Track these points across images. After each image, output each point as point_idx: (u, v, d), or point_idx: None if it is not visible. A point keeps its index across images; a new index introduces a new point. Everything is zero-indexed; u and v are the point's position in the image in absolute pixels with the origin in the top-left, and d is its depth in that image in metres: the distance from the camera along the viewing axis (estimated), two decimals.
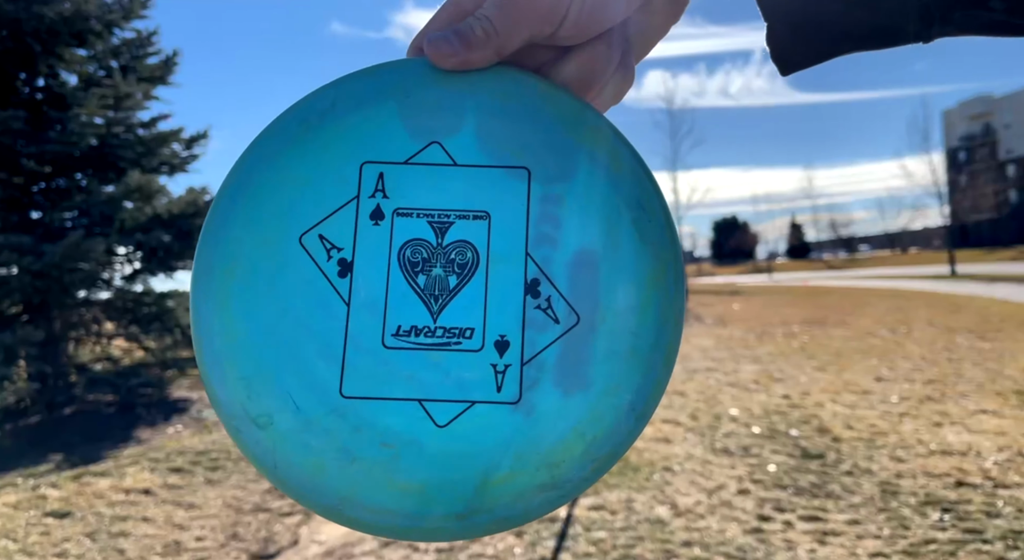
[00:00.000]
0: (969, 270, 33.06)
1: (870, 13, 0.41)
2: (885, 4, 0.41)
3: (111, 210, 5.43)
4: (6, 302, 5.55)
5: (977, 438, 4.70)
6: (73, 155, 5.55)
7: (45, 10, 5.35)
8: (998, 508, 3.43)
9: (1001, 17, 0.39)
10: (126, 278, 6.01)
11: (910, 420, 5.25)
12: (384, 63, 0.46)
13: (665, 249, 0.45)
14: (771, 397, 6.11)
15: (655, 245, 0.44)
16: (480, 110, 0.44)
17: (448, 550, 3.14)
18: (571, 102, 0.46)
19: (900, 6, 0.40)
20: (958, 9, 0.40)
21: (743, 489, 3.84)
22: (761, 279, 45.82)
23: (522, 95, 0.45)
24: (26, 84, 5.98)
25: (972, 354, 8.24)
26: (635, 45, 0.51)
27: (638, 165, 0.46)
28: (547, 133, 0.45)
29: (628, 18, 0.47)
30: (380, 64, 0.46)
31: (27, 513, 3.67)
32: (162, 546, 3.29)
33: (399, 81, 0.45)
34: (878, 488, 3.79)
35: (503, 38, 0.43)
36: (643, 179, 0.46)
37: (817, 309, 14.03)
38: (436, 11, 0.47)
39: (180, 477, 4.21)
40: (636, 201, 0.45)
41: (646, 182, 0.46)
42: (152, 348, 6.06)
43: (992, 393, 6.12)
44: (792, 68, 0.46)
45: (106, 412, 5.64)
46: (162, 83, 6.27)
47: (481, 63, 0.44)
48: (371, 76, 0.46)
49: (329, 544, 3.31)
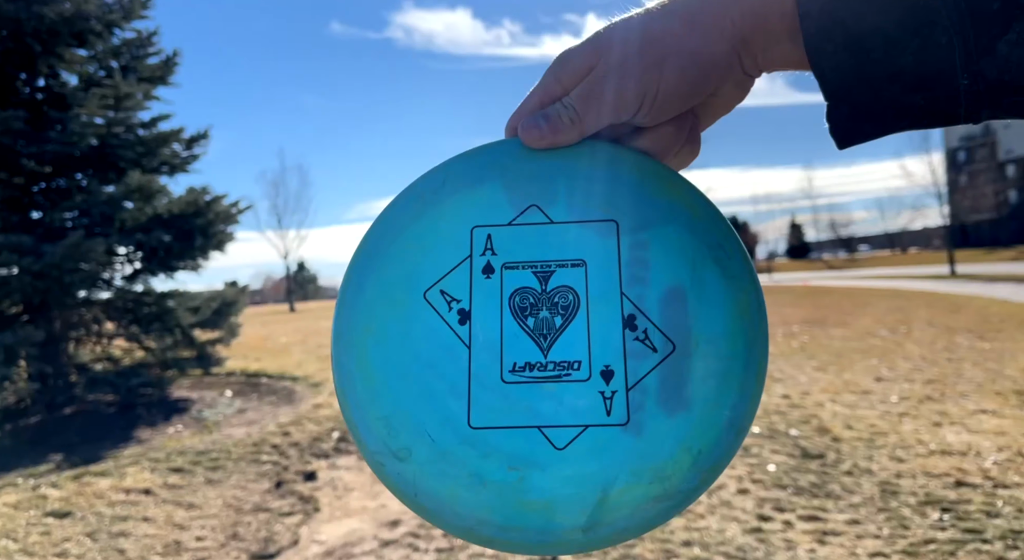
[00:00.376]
0: (969, 270, 33.07)
1: (926, 99, 0.45)
2: (940, 91, 0.44)
3: (111, 210, 5.43)
4: (7, 302, 5.55)
5: (977, 438, 4.70)
6: (73, 155, 5.55)
7: (45, 10, 5.35)
8: (998, 508, 3.43)
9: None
10: (126, 278, 6.01)
11: (910, 420, 5.26)
12: (484, 145, 0.54)
13: (746, 281, 0.50)
14: (771, 397, 6.11)
15: (737, 279, 0.50)
16: (569, 176, 0.51)
17: (448, 550, 3.14)
18: (648, 163, 0.53)
19: (953, 93, 0.44)
20: (1007, 96, 0.43)
21: (743, 489, 3.85)
22: (761, 279, 45.77)
23: (605, 161, 0.52)
24: (26, 84, 5.98)
25: (972, 354, 8.25)
26: (703, 120, 0.56)
27: (713, 211, 0.52)
28: (630, 190, 0.51)
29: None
30: (481, 146, 0.54)
31: (27, 513, 3.67)
32: (162, 546, 3.29)
33: (498, 159, 0.53)
34: (878, 488, 3.80)
35: (586, 124, 0.50)
36: (719, 223, 0.52)
37: (817, 309, 14.04)
38: (529, 92, 0.53)
39: (180, 477, 4.21)
40: (715, 242, 0.51)
41: (722, 225, 0.52)
42: (152, 348, 6.05)
43: (992, 393, 6.12)
44: (851, 143, 0.49)
45: (106, 412, 5.63)
46: (162, 83, 6.26)
47: (567, 143, 0.51)
48: (474, 157, 0.54)
49: (329, 544, 3.31)
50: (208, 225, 5.85)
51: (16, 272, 4.94)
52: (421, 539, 3.28)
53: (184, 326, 6.08)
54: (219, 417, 5.66)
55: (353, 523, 3.59)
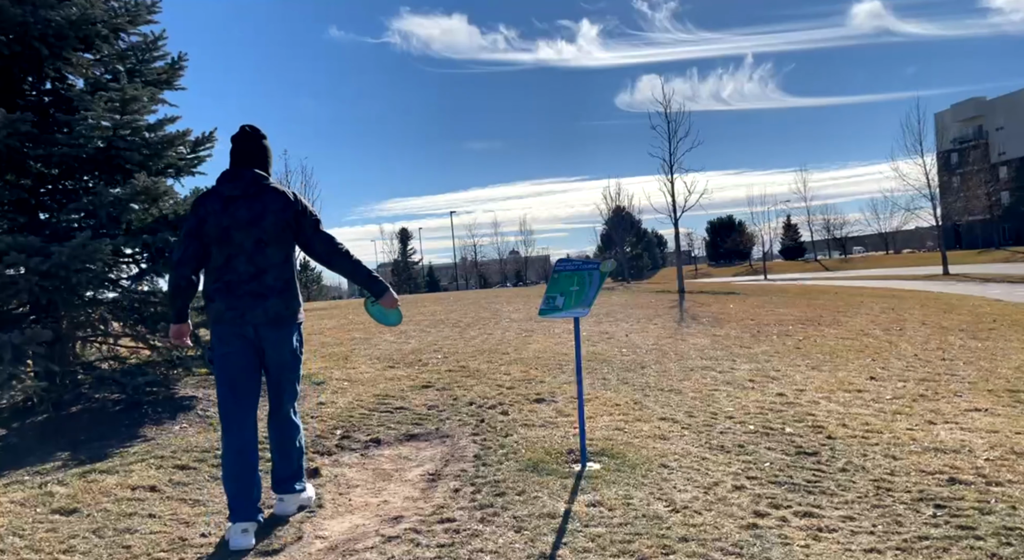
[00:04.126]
0: (962, 270, 33.17)
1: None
2: None
3: (118, 211, 5.45)
4: (14, 302, 5.58)
5: (970, 436, 4.77)
6: (80, 158, 5.57)
7: (52, 14, 5.38)
8: (991, 505, 3.49)
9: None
10: (133, 278, 6.03)
11: (904, 418, 5.32)
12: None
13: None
14: (766, 395, 6.17)
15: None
16: None
17: (449, 545, 3.19)
18: None
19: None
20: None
21: (739, 485, 3.90)
22: (757, 279, 45.88)
23: None
24: (33, 87, 6.01)
25: (965, 353, 8.32)
26: None
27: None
28: None
29: None
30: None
31: (34, 510, 3.68)
32: (168, 543, 3.31)
33: None
34: (872, 485, 3.85)
35: None
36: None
37: (812, 309, 14.09)
38: None
39: (186, 474, 4.25)
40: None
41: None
42: (158, 347, 6.08)
43: (984, 391, 6.20)
44: None
45: (113, 410, 5.66)
46: (168, 87, 6.29)
47: None
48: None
49: (332, 539, 3.35)
50: None
51: (24, 272, 4.96)
52: (423, 535, 3.32)
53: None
54: None
55: (356, 519, 3.63)
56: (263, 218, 3.44)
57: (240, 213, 3.42)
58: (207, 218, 3.41)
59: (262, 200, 3.46)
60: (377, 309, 3.85)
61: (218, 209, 3.42)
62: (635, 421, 5.35)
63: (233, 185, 3.46)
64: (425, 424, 5.43)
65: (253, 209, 3.44)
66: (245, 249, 3.44)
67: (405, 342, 10.04)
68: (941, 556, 2.97)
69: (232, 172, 3.52)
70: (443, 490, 3.96)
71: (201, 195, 3.53)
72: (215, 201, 3.44)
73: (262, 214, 3.44)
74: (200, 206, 3.46)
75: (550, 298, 4.34)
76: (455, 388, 6.64)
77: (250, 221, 3.43)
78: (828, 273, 49.63)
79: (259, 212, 3.44)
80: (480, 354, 8.70)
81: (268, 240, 3.46)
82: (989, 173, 63.52)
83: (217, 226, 3.40)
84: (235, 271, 3.44)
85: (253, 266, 3.45)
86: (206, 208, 3.43)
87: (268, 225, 3.44)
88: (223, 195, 3.45)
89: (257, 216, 3.44)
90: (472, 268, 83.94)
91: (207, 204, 3.44)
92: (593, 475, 4.07)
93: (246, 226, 3.42)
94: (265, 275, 3.46)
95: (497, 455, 4.53)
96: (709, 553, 3.03)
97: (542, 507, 3.60)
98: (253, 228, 3.43)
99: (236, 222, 3.41)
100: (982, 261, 44.31)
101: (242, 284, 3.43)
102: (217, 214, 3.41)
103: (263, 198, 3.47)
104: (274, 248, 3.49)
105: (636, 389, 6.53)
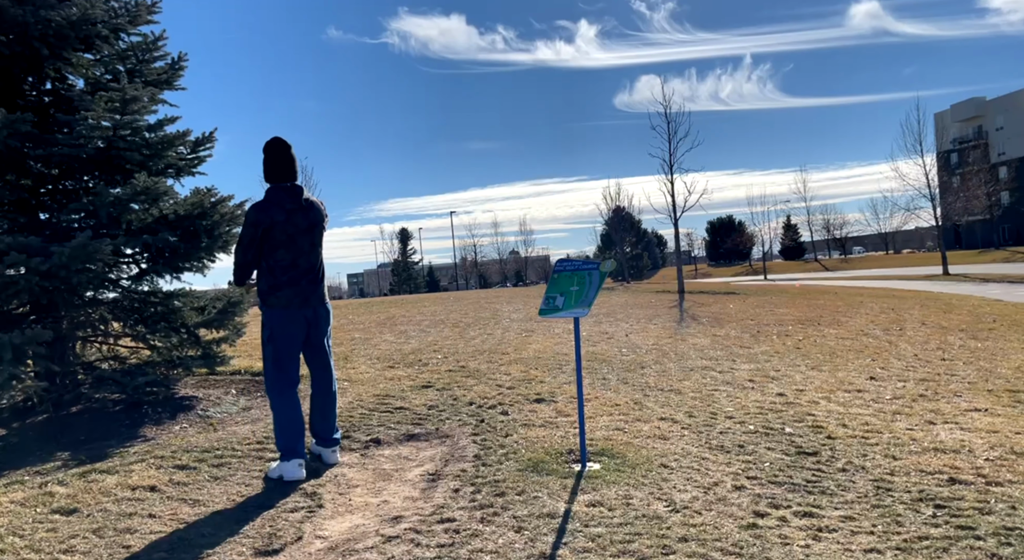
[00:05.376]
0: (961, 270, 33.19)
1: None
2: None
3: (118, 212, 5.45)
4: (15, 302, 5.58)
5: (970, 436, 4.77)
6: (80, 158, 5.57)
7: (52, 14, 5.37)
8: (991, 505, 3.49)
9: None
10: (133, 278, 6.02)
11: (903, 418, 5.32)
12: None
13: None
14: (766, 395, 6.17)
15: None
16: None
17: (449, 545, 3.19)
18: None
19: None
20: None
21: (739, 485, 3.90)
22: (757, 279, 45.90)
23: None
24: (33, 88, 6.01)
25: (964, 353, 8.32)
26: None
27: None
28: None
29: None
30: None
31: (34, 510, 3.67)
32: (168, 543, 3.31)
33: None
34: (872, 485, 3.86)
35: None
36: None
37: (811, 309, 14.09)
38: None
39: (186, 474, 4.24)
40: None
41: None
42: (159, 347, 6.08)
43: (984, 391, 6.20)
44: None
45: (113, 410, 5.67)
46: (168, 87, 6.29)
47: None
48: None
49: (333, 540, 3.35)
50: (214, 226, 5.87)
51: (24, 272, 4.95)
52: (423, 535, 3.32)
53: (190, 325, 6.10)
54: (224, 415, 5.70)
55: (356, 519, 3.63)
56: (315, 226, 4.43)
57: (300, 222, 4.33)
58: (273, 227, 4.24)
59: (312, 211, 4.42)
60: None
61: (282, 220, 4.26)
62: (635, 421, 5.35)
63: (293, 199, 4.33)
64: (425, 424, 5.43)
65: (308, 218, 4.38)
66: (304, 250, 4.36)
67: (405, 342, 10.04)
68: (941, 556, 2.97)
69: (291, 188, 4.35)
70: (443, 490, 3.96)
71: (260, 208, 4.28)
72: (279, 212, 4.26)
73: (314, 223, 4.42)
74: (264, 217, 4.24)
75: (550, 298, 4.34)
76: (455, 388, 6.63)
77: (307, 228, 4.37)
78: (828, 273, 49.65)
79: (312, 221, 4.40)
80: (480, 354, 8.69)
81: (316, 242, 4.45)
82: (989, 173, 63.47)
83: (284, 233, 4.27)
84: (299, 267, 4.35)
85: (308, 263, 4.40)
86: (271, 218, 4.24)
87: (317, 231, 4.44)
88: (285, 207, 4.29)
89: (311, 224, 4.40)
90: (472, 268, 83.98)
91: (272, 215, 4.25)
92: (593, 475, 4.08)
93: (304, 232, 4.35)
94: (316, 269, 4.45)
95: (497, 455, 4.53)
96: (709, 553, 3.04)
97: (542, 507, 3.60)
98: (309, 234, 4.38)
99: (298, 230, 4.32)
100: (982, 261, 44.35)
101: (304, 276, 4.37)
102: (282, 224, 4.26)
103: (312, 209, 4.42)
104: (319, 248, 4.50)
105: (636, 389, 6.53)
